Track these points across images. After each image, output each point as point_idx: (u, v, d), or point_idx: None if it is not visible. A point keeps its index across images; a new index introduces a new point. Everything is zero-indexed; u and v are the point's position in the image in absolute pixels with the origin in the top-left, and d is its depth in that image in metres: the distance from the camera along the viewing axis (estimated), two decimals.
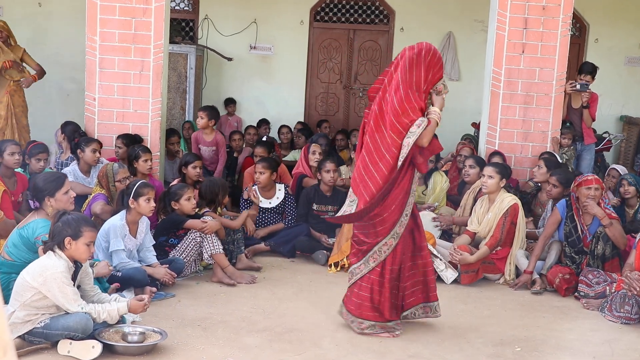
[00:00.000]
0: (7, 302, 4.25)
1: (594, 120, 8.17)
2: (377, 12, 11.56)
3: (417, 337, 4.76)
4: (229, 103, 11.05)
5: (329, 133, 10.26)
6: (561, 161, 7.24)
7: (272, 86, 11.50)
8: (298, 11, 11.37)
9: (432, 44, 4.69)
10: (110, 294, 4.65)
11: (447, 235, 6.95)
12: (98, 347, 4.13)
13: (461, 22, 11.20)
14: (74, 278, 4.26)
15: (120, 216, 5.43)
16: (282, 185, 7.16)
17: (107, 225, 5.39)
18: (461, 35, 11.23)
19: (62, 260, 4.16)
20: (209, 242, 5.78)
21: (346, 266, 6.28)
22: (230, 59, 11.29)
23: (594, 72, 7.97)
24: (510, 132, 7.42)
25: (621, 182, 6.78)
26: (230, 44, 11.27)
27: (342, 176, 7.38)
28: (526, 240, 6.32)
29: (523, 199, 6.73)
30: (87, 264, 4.41)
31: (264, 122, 10.68)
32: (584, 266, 5.91)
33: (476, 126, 9.67)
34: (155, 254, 5.61)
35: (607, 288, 5.60)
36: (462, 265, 6.00)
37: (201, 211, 6.11)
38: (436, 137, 4.69)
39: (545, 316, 5.40)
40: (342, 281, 6.01)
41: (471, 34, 11.10)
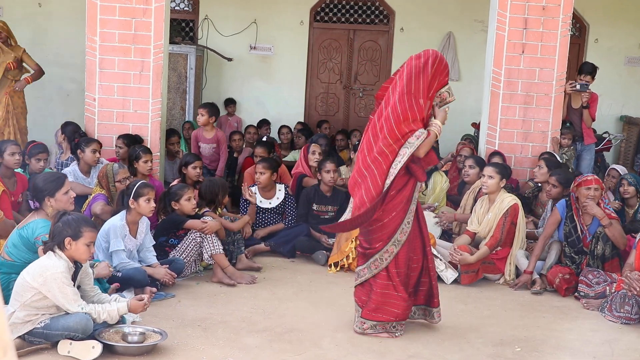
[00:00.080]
0: (7, 302, 4.25)
1: (593, 120, 8.17)
2: (377, 12, 11.56)
3: (417, 337, 4.77)
4: (229, 103, 11.05)
5: (329, 134, 10.26)
6: (561, 161, 7.24)
7: (272, 86, 11.50)
8: (298, 11, 11.37)
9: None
10: (110, 294, 4.66)
11: (447, 235, 6.95)
12: (98, 347, 4.13)
13: (461, 22, 11.20)
14: (74, 278, 4.26)
15: (121, 216, 5.43)
16: (282, 185, 7.15)
17: (107, 226, 5.39)
18: (461, 36, 11.23)
19: (62, 260, 4.16)
20: (209, 242, 5.78)
21: (346, 266, 6.29)
22: (230, 59, 11.29)
23: (593, 72, 7.98)
24: (510, 132, 7.42)
25: (621, 182, 6.78)
26: (230, 44, 11.27)
27: (342, 176, 7.38)
28: (526, 241, 6.32)
29: (523, 199, 6.74)
30: (87, 264, 4.41)
31: (264, 122, 10.68)
32: (584, 266, 5.91)
33: (476, 126, 9.67)
34: (156, 254, 5.61)
35: (607, 288, 5.60)
36: (462, 265, 6.00)
37: (201, 211, 6.11)
38: (435, 149, 4.69)
39: (545, 316, 5.40)
40: (342, 281, 6.03)
41: (471, 34, 11.09)
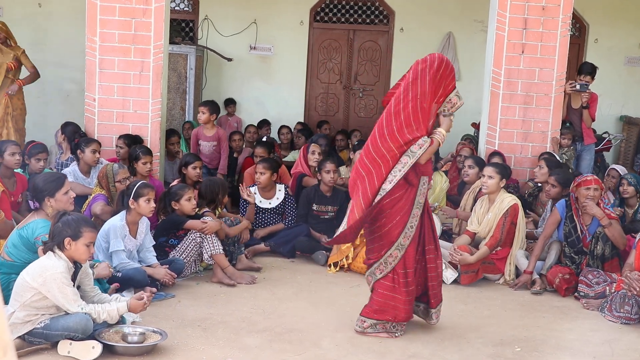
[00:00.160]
0: (7, 302, 4.25)
1: (593, 120, 8.18)
2: (376, 13, 11.56)
3: (417, 337, 4.77)
4: (228, 103, 11.04)
5: (328, 134, 10.26)
6: (561, 161, 7.24)
7: (272, 86, 11.50)
8: (298, 11, 11.37)
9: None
10: (110, 295, 4.66)
11: (447, 235, 6.95)
12: (98, 347, 4.13)
13: (461, 22, 11.19)
14: (73, 278, 4.26)
15: (120, 217, 5.43)
16: (282, 185, 7.15)
17: (107, 226, 5.39)
18: (461, 36, 11.23)
19: (61, 260, 4.16)
20: (209, 242, 5.78)
21: (345, 266, 6.30)
22: (230, 60, 11.29)
23: (593, 72, 7.98)
24: (510, 132, 7.42)
25: (621, 182, 6.79)
26: (230, 45, 11.27)
27: (342, 176, 7.38)
28: (526, 241, 6.32)
29: (523, 199, 6.74)
30: (87, 264, 4.41)
31: (265, 122, 10.68)
32: (584, 266, 5.91)
33: (476, 126, 9.67)
34: (155, 254, 5.61)
35: (607, 288, 5.60)
36: (462, 265, 6.00)
37: (201, 211, 6.10)
38: (435, 153, 4.70)
39: (545, 316, 5.40)
40: (341, 281, 6.03)
41: (471, 34, 11.09)
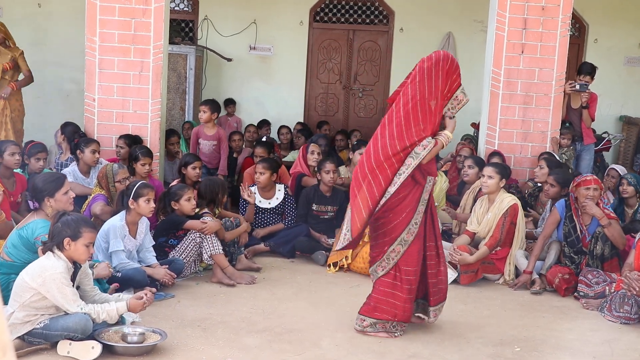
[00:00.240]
0: (6, 302, 4.25)
1: (593, 120, 8.18)
2: (376, 13, 11.56)
3: (416, 337, 4.77)
4: (228, 104, 11.03)
5: (328, 134, 10.26)
6: (561, 161, 7.24)
7: (272, 87, 11.50)
8: (297, 11, 11.37)
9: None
10: (110, 295, 4.65)
11: (447, 235, 6.95)
12: (98, 347, 4.13)
13: (461, 22, 11.20)
14: (73, 279, 4.26)
15: (120, 217, 5.43)
16: (282, 185, 7.15)
17: (106, 226, 5.39)
18: (461, 36, 11.23)
19: (61, 261, 4.16)
20: (209, 242, 5.78)
21: (345, 267, 6.29)
22: (229, 60, 11.29)
23: (593, 72, 7.98)
24: (510, 132, 7.42)
25: (621, 181, 6.79)
26: (229, 45, 11.27)
27: (342, 176, 7.38)
28: (525, 241, 6.32)
29: (524, 199, 6.75)
30: (86, 264, 4.41)
31: (265, 122, 10.68)
32: (583, 266, 5.91)
33: (476, 126, 9.67)
34: (155, 254, 5.61)
35: (607, 288, 5.60)
36: (462, 265, 6.00)
37: (200, 211, 6.10)
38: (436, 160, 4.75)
39: (544, 316, 5.40)
40: (341, 281, 6.03)
41: (471, 34, 11.09)
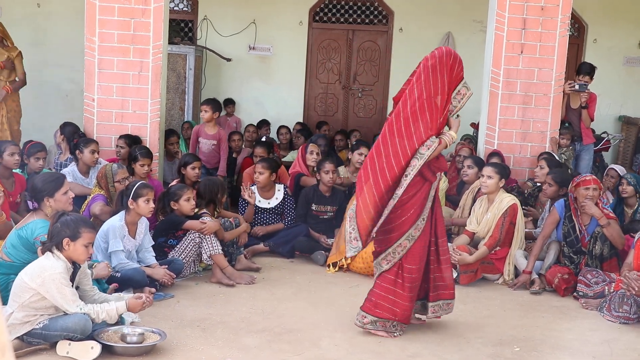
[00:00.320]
0: (5, 303, 4.25)
1: (592, 120, 8.18)
2: (376, 13, 11.56)
3: (416, 337, 4.77)
4: (227, 104, 11.03)
5: (328, 135, 10.26)
6: (560, 161, 7.25)
7: (271, 87, 11.50)
8: (297, 11, 11.37)
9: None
10: (110, 295, 4.65)
11: (447, 235, 6.94)
12: (97, 348, 4.13)
13: (460, 22, 11.20)
14: (72, 279, 4.26)
15: (119, 217, 5.43)
16: (281, 185, 7.15)
17: (106, 226, 5.39)
18: (460, 36, 11.23)
19: (60, 261, 4.16)
20: (208, 242, 5.78)
21: (345, 267, 6.29)
22: (229, 60, 11.28)
23: (592, 72, 7.98)
24: (509, 132, 7.42)
25: (621, 181, 6.79)
26: (229, 45, 11.27)
27: (341, 176, 7.37)
28: (525, 241, 6.32)
29: (524, 200, 6.75)
30: (86, 264, 4.41)
31: (264, 123, 10.68)
32: (583, 266, 5.91)
33: (475, 126, 9.67)
34: (155, 254, 5.61)
35: (606, 288, 5.60)
36: (461, 265, 6.00)
37: (199, 211, 6.10)
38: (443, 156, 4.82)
39: (544, 316, 5.40)
40: (341, 281, 6.03)
41: (470, 34, 11.09)
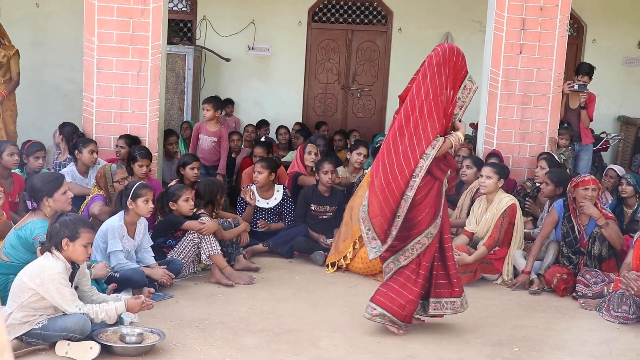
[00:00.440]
0: (4, 303, 4.24)
1: (591, 120, 8.18)
2: (375, 13, 11.56)
3: (415, 337, 4.76)
4: (227, 104, 11.01)
5: (327, 134, 10.26)
6: (559, 162, 7.25)
7: (270, 87, 11.50)
8: (296, 12, 11.37)
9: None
10: (109, 295, 4.65)
11: None
12: (96, 348, 4.13)
13: (459, 22, 11.20)
14: (71, 279, 4.25)
15: (119, 217, 5.43)
16: (280, 186, 7.14)
17: (105, 226, 5.38)
18: (459, 36, 11.22)
19: (59, 261, 4.16)
20: (207, 243, 5.78)
21: (344, 267, 6.29)
22: (228, 60, 11.28)
23: (591, 72, 7.98)
24: (508, 133, 7.42)
25: (620, 181, 6.79)
26: (228, 45, 11.27)
27: (340, 176, 7.38)
28: (524, 241, 6.32)
29: (525, 200, 6.75)
30: (85, 264, 4.41)
31: (263, 123, 10.68)
32: (582, 266, 5.92)
33: (474, 126, 9.67)
34: (154, 254, 5.61)
35: (605, 288, 5.61)
36: (460, 265, 5.99)
37: (198, 212, 6.10)
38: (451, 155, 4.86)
39: (543, 316, 5.40)
40: (340, 281, 6.03)
41: (469, 34, 11.09)
